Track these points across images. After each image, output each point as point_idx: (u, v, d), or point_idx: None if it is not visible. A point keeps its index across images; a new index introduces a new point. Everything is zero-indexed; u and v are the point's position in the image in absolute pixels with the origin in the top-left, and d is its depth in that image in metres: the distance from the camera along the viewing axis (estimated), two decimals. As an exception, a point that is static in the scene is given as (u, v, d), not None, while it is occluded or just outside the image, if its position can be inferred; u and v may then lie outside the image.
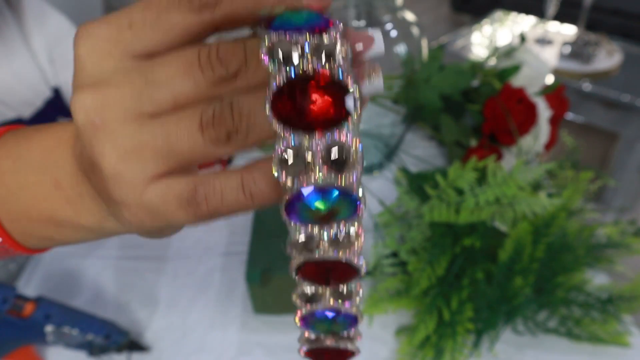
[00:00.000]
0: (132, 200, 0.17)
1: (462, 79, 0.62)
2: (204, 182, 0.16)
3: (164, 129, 0.16)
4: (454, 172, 0.49)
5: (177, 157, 0.16)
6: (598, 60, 1.51)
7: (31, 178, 0.20)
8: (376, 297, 0.48)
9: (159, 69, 0.16)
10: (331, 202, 0.14)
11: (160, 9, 0.15)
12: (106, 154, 0.16)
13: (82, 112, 0.16)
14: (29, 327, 0.41)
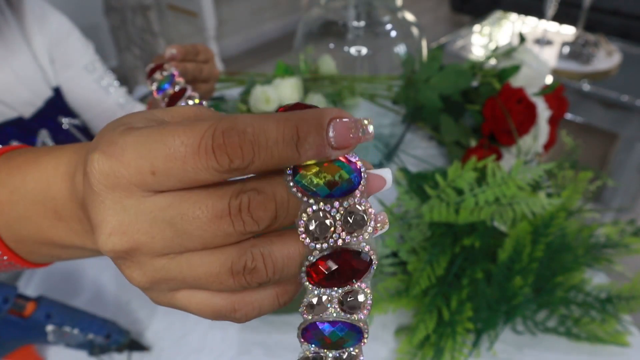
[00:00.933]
0: (160, 300, 0.18)
1: (461, 79, 0.62)
2: (242, 302, 0.17)
3: (192, 272, 0.16)
4: (453, 172, 0.49)
5: (203, 287, 0.17)
6: (597, 61, 1.51)
7: (31, 209, 0.20)
8: (376, 297, 0.48)
9: (188, 221, 0.15)
10: (341, 334, 0.17)
11: (186, 164, 0.15)
12: (135, 277, 0.17)
13: (113, 253, 0.16)
14: (29, 327, 0.41)
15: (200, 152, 0.14)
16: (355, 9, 0.63)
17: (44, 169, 0.20)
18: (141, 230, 0.16)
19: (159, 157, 0.15)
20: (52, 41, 0.62)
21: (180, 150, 0.15)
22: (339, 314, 0.17)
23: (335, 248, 0.16)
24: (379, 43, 0.64)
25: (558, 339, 0.48)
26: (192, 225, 0.15)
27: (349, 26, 0.63)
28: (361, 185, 0.15)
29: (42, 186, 0.20)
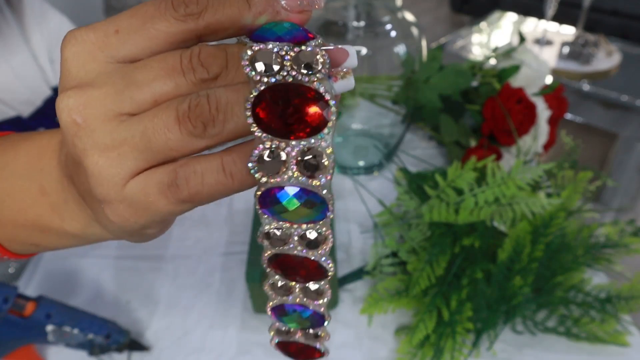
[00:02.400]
0: (114, 196, 0.17)
1: (461, 79, 0.62)
2: (184, 165, 0.17)
3: (141, 125, 0.16)
4: (453, 172, 0.49)
5: (155, 152, 0.16)
6: (597, 61, 1.51)
7: (17, 185, 0.21)
8: (376, 297, 0.48)
9: (140, 71, 0.16)
10: (300, 202, 0.15)
11: (146, 17, 0.16)
12: (88, 151, 0.16)
13: (66, 112, 0.16)
14: (29, 327, 0.41)
15: (160, 7, 0.16)
16: (355, 9, 0.63)
17: (38, 142, 0.21)
18: (94, 84, 0.16)
19: (123, 17, 0.16)
20: (52, 41, 0.63)
21: (142, 9, 0.16)
22: (296, 179, 0.15)
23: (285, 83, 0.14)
24: (379, 43, 0.64)
25: (558, 338, 0.48)
26: (143, 75, 0.16)
27: (348, 26, 0.63)
28: (315, 40, 0.15)
29: (33, 159, 0.21)
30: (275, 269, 0.17)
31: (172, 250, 0.59)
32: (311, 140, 0.15)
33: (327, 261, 0.16)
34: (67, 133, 0.17)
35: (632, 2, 2.27)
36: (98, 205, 0.18)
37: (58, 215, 0.21)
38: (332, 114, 0.15)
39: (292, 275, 0.17)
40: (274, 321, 0.19)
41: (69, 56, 0.16)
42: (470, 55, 1.66)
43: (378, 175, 0.71)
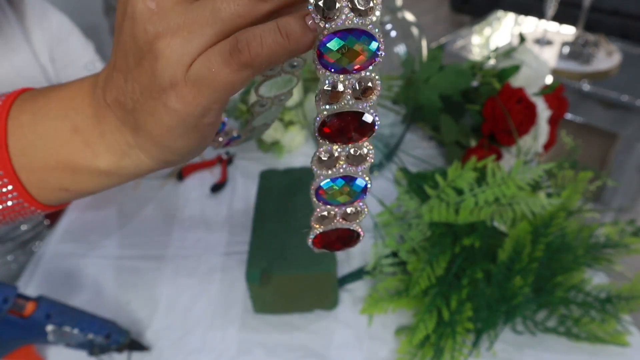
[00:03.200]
0: (180, 77, 0.19)
1: (461, 79, 0.62)
2: (244, 32, 0.18)
3: (210, 3, 0.18)
4: (453, 172, 0.49)
5: (223, 23, 0.18)
6: (597, 61, 1.51)
7: (50, 126, 0.22)
8: (376, 297, 0.48)
9: None
10: (355, 42, 0.17)
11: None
12: (161, 33, 0.18)
13: (140, 1, 0.18)
14: (29, 327, 0.41)
15: None
16: (355, 9, 0.63)
17: (67, 88, 0.23)
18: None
19: None
20: (52, 40, 0.63)
21: None
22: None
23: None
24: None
25: (558, 338, 0.48)
26: None
27: (349, 26, 0.63)
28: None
29: (64, 101, 0.22)
30: (327, 134, 0.18)
31: (172, 251, 0.59)
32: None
33: (375, 115, 0.18)
34: (139, 20, 0.18)
35: (632, 2, 2.27)
36: (157, 100, 0.19)
37: (91, 151, 0.22)
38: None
39: (343, 139, 0.19)
40: (316, 204, 0.20)
41: None
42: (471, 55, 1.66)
43: (378, 175, 0.71)
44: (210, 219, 0.63)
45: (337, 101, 0.18)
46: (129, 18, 0.19)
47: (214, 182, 0.71)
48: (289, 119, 0.74)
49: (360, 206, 0.20)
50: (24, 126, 0.22)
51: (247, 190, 0.68)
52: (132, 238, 0.61)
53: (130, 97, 0.20)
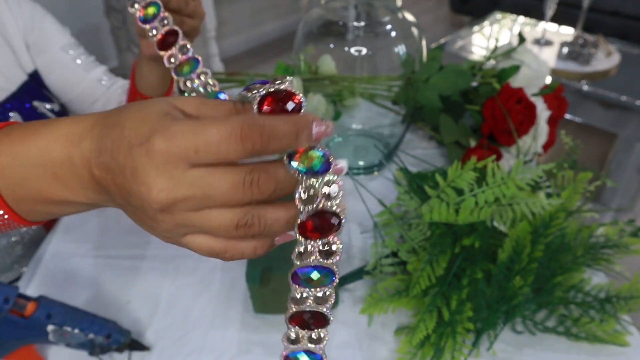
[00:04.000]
0: (171, 240, 0.26)
1: (461, 79, 0.62)
2: (232, 247, 0.24)
3: (210, 221, 0.23)
4: (453, 172, 0.49)
5: (211, 233, 0.24)
6: (596, 61, 1.51)
7: (31, 172, 0.25)
8: (376, 297, 0.48)
9: (216, 185, 0.21)
10: (320, 275, 0.24)
11: (220, 147, 0.21)
12: (166, 222, 0.23)
13: (159, 204, 0.22)
14: (30, 327, 0.41)
15: (231, 139, 0.21)
16: (355, 9, 0.63)
17: (44, 137, 0.25)
18: (181, 191, 0.21)
19: (201, 141, 0.21)
20: (26, 27, 0.63)
21: (216, 138, 0.21)
22: (318, 261, 0.24)
23: (317, 210, 0.23)
24: (379, 43, 0.64)
25: (557, 338, 0.48)
26: (216, 191, 0.21)
27: (349, 26, 0.63)
28: (332, 167, 0.22)
29: (42, 152, 0.25)
30: (293, 324, 0.26)
31: (172, 251, 0.59)
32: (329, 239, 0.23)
33: (328, 311, 0.25)
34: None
35: (631, 2, 2.27)
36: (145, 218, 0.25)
37: (72, 193, 0.25)
38: (342, 225, 0.23)
39: (305, 326, 0.26)
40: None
41: (158, 163, 0.21)
42: (470, 56, 1.66)
43: (378, 175, 0.71)
44: (211, 219, 0.63)
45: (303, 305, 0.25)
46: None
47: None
48: (289, 119, 0.73)
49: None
50: (4, 168, 0.25)
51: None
52: (132, 238, 0.61)
53: (117, 197, 0.24)
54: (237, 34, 2.69)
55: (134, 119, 0.22)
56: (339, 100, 0.75)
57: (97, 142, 0.23)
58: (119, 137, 0.22)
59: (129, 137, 0.22)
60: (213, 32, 2.15)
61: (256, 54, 2.72)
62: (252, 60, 2.68)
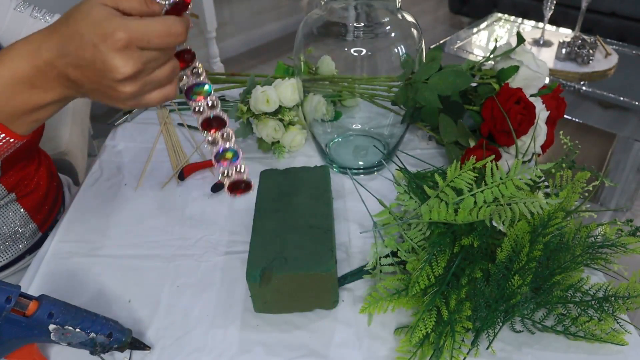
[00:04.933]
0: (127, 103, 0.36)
1: (460, 79, 0.63)
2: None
3: (159, 77, 0.34)
4: (452, 172, 0.50)
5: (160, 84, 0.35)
6: (595, 62, 1.52)
7: (11, 91, 0.33)
8: (376, 296, 0.48)
9: (157, 58, 0.34)
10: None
11: (161, 41, 0.33)
12: (127, 64, 0.32)
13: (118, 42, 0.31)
14: (32, 326, 0.41)
15: (167, 35, 0.32)
16: (355, 10, 0.64)
17: (8, 61, 0.33)
18: (138, 65, 0.32)
19: (150, 34, 0.32)
20: None
21: (159, 32, 0.32)
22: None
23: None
24: (379, 44, 0.64)
25: (556, 337, 0.48)
26: (157, 63, 0.34)
27: (348, 27, 0.63)
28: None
29: (13, 72, 0.33)
30: (204, 128, 0.39)
31: (173, 250, 0.59)
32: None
33: (225, 117, 0.39)
34: (103, 47, 0.31)
35: (629, 3, 2.28)
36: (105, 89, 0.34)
37: (48, 93, 0.34)
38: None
39: (211, 128, 0.39)
40: (218, 166, 0.39)
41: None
42: (470, 56, 1.67)
43: (378, 175, 0.71)
44: (211, 219, 0.64)
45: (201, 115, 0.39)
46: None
47: (214, 181, 0.71)
48: (289, 119, 0.74)
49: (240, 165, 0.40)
50: None
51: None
52: (133, 238, 0.61)
53: (86, 84, 0.33)
54: (238, 34, 2.69)
55: (87, 26, 0.30)
56: (339, 100, 0.75)
57: (58, 49, 0.32)
58: (80, 41, 0.30)
59: (91, 39, 0.30)
60: (213, 33, 2.15)
61: (256, 54, 2.72)
62: (252, 60, 2.68)
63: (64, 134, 1.21)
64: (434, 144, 0.77)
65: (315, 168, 0.62)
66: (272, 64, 2.58)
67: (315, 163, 0.70)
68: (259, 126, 0.73)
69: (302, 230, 0.52)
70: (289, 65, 0.82)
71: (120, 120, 0.85)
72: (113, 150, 0.78)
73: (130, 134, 0.82)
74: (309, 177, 0.60)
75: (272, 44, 2.81)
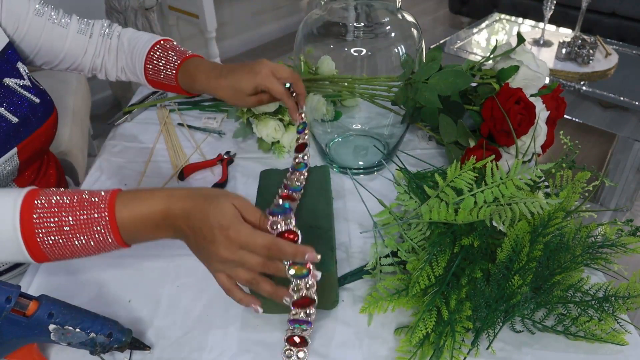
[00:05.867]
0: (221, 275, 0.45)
1: (460, 79, 0.63)
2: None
3: (239, 273, 0.43)
4: (452, 172, 0.50)
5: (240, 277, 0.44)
6: (595, 62, 1.52)
7: (140, 226, 0.43)
8: (376, 296, 0.48)
9: (248, 261, 0.42)
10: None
11: (257, 249, 0.42)
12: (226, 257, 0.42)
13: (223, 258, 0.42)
14: (32, 326, 0.41)
15: (264, 247, 0.41)
16: (355, 10, 0.64)
17: (148, 205, 0.43)
18: (232, 257, 0.42)
19: (251, 242, 0.41)
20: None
21: (259, 244, 0.42)
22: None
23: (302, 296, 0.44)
24: (379, 44, 0.64)
25: (556, 337, 0.48)
26: (248, 264, 0.42)
27: (348, 27, 0.64)
28: (310, 274, 0.43)
29: (148, 215, 0.43)
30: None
31: (173, 250, 0.59)
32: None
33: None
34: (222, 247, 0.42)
35: (629, 3, 2.28)
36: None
37: (163, 233, 0.44)
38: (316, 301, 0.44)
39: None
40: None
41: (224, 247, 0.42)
42: (470, 56, 1.67)
43: (378, 175, 0.71)
44: (211, 219, 0.63)
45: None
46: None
47: (214, 181, 0.71)
48: (289, 119, 0.74)
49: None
50: (124, 224, 0.43)
51: (248, 189, 0.68)
52: (132, 238, 0.61)
53: (192, 244, 0.44)
54: (238, 34, 2.69)
55: (215, 213, 0.41)
56: (339, 100, 0.75)
57: (188, 211, 0.42)
58: (205, 219, 0.41)
59: (213, 223, 0.41)
60: (213, 33, 2.15)
61: (256, 54, 2.72)
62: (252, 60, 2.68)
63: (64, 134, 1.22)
64: (434, 144, 0.77)
65: (315, 168, 0.62)
66: (272, 64, 2.58)
67: (315, 163, 0.70)
68: (259, 126, 0.73)
69: (302, 230, 0.52)
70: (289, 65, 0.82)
71: (120, 120, 0.85)
72: (113, 150, 0.78)
73: (130, 134, 0.82)
74: (309, 177, 0.60)
75: (272, 44, 2.81)
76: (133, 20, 1.81)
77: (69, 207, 0.42)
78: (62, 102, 1.30)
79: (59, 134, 1.20)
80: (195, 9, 2.08)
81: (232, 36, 2.66)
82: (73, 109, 1.33)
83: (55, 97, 0.70)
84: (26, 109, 0.62)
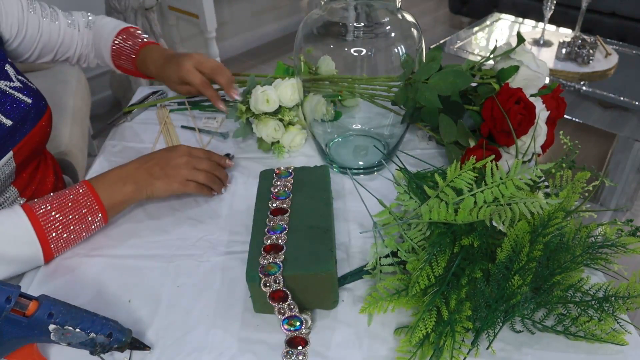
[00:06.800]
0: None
1: (460, 79, 0.63)
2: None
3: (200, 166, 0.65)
4: (452, 172, 0.50)
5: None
6: (595, 62, 1.52)
7: (120, 203, 0.60)
8: (376, 296, 0.48)
9: (200, 163, 0.64)
10: None
11: (203, 162, 0.65)
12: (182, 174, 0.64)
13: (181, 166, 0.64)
14: (32, 326, 0.41)
15: (208, 162, 0.66)
16: (355, 10, 0.64)
17: (120, 187, 0.60)
18: (190, 161, 0.64)
19: (200, 158, 0.66)
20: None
21: (204, 158, 0.67)
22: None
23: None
24: (379, 44, 0.64)
25: (556, 337, 0.48)
26: (199, 165, 0.65)
27: (348, 27, 0.63)
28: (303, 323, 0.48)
29: (122, 181, 0.60)
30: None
31: (173, 250, 0.59)
32: None
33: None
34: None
35: (629, 3, 2.28)
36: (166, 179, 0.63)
37: (139, 194, 0.60)
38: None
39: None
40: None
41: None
42: (470, 56, 1.67)
43: (378, 175, 0.71)
44: (211, 219, 0.64)
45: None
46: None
47: (214, 182, 0.71)
48: (289, 119, 0.74)
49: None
50: (104, 204, 0.58)
51: (248, 190, 0.68)
52: (133, 238, 0.61)
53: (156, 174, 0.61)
54: (238, 34, 2.69)
55: (170, 150, 0.63)
56: (339, 100, 0.75)
57: (147, 160, 0.61)
58: (164, 161, 0.62)
59: (171, 152, 0.63)
60: (213, 33, 2.15)
61: (256, 54, 2.72)
62: (252, 61, 2.68)
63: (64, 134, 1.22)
64: (434, 144, 0.77)
65: (315, 168, 0.62)
66: (272, 64, 2.59)
67: (315, 163, 0.70)
68: (259, 126, 0.73)
69: (302, 230, 0.52)
70: (289, 65, 0.82)
71: (121, 121, 0.85)
72: (113, 150, 0.78)
73: (130, 134, 0.82)
74: (309, 177, 0.60)
75: (272, 44, 2.81)
76: (133, 20, 1.81)
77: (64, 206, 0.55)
78: (62, 102, 1.30)
79: (59, 134, 1.20)
80: (195, 9, 2.08)
81: (232, 36, 2.66)
82: (73, 109, 1.33)
83: (55, 97, 0.71)
84: (19, 111, 0.62)
